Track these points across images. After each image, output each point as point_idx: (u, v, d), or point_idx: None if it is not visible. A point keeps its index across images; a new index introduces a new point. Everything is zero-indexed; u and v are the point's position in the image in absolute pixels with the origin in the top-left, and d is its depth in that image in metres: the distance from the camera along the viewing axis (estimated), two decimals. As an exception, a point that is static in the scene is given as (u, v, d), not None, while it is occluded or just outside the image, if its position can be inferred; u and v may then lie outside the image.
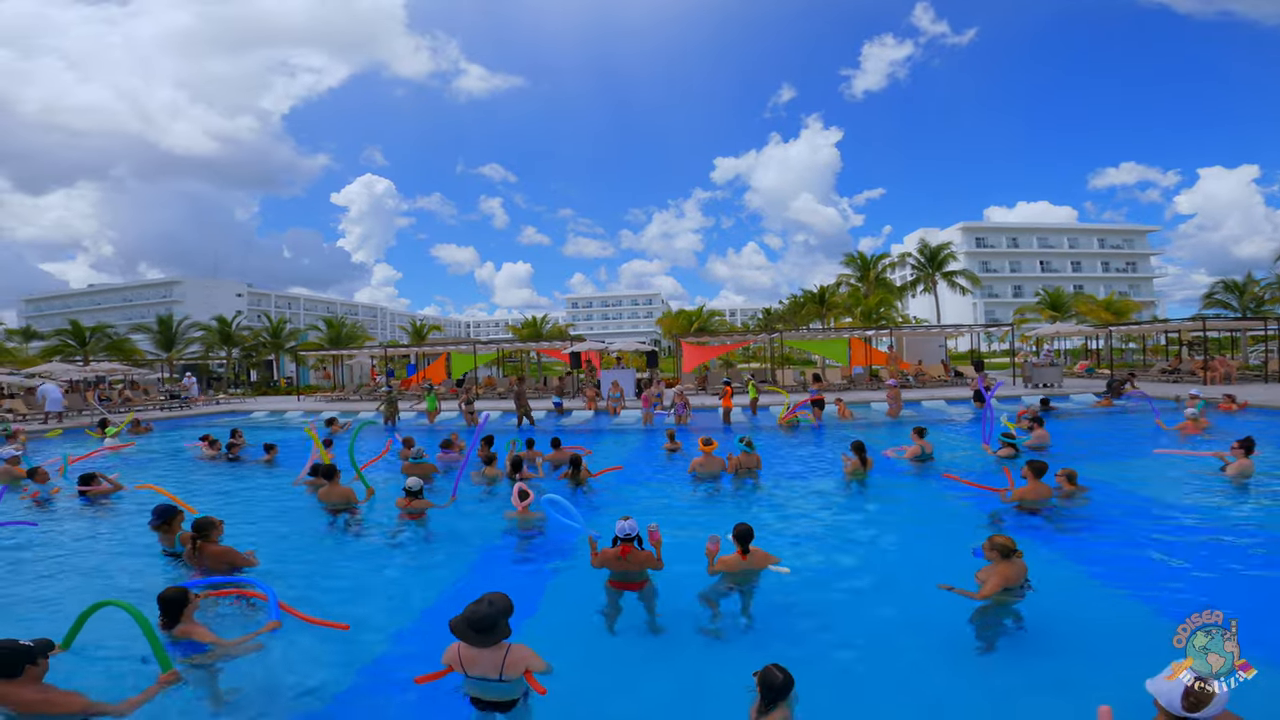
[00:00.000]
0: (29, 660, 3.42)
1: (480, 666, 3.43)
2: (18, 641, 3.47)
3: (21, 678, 3.39)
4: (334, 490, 8.62)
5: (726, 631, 4.97)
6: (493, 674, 3.41)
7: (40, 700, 3.41)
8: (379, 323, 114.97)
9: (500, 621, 3.43)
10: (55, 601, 5.97)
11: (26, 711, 3.38)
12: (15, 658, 3.39)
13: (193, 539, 6.06)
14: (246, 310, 67.58)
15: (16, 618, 5.58)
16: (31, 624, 5.49)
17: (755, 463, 10.24)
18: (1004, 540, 4.91)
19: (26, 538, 7.79)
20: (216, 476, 11.92)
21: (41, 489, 9.75)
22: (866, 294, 48.96)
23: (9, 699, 3.36)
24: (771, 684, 3.18)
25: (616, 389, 21.37)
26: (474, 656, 3.44)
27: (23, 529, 7.96)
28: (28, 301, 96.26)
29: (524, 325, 59.57)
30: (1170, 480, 9.34)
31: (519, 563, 6.89)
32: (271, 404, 28.88)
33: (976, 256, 75.59)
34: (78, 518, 8.93)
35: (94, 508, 9.34)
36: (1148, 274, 79.88)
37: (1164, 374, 25.83)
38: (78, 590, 6.21)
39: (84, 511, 9.18)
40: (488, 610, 3.40)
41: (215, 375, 47.57)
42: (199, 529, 6.07)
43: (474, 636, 3.38)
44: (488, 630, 3.37)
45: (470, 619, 3.39)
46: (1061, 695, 3.89)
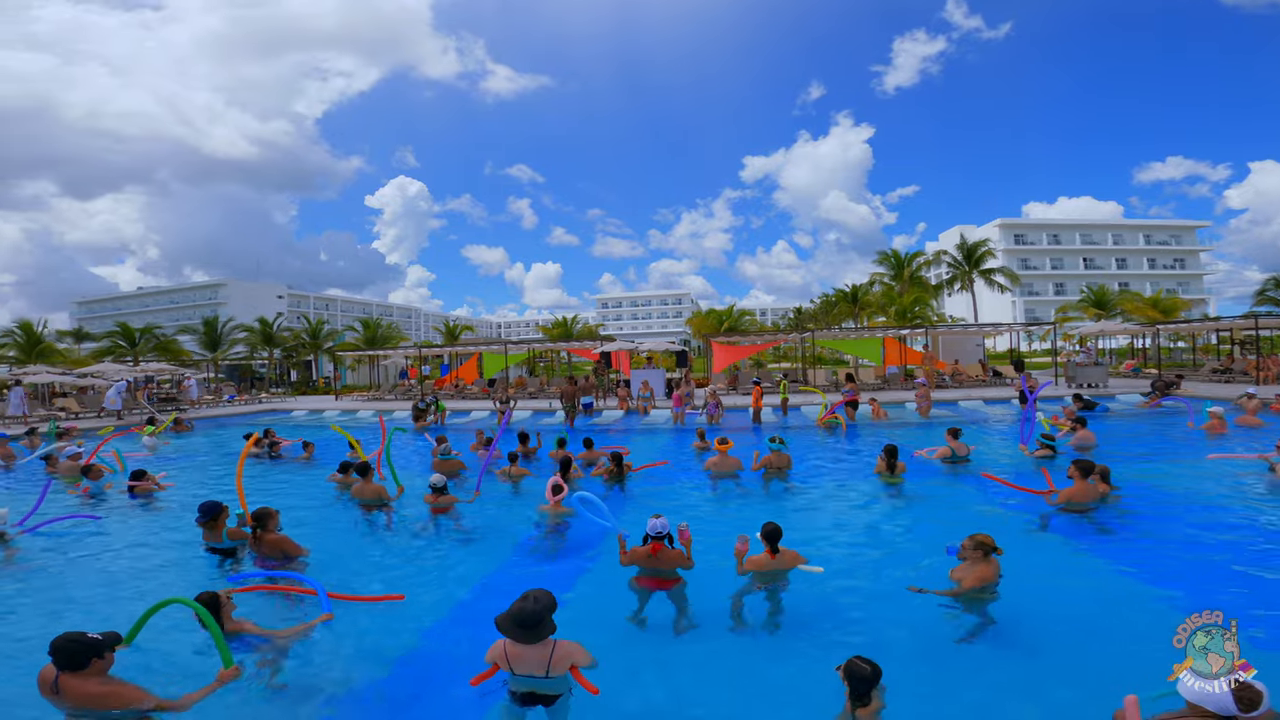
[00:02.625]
0: (96, 653, 3.43)
1: (526, 664, 3.44)
2: (85, 634, 3.46)
3: (88, 670, 3.40)
4: (367, 487, 8.86)
5: (755, 631, 4.92)
6: (539, 671, 3.42)
7: (105, 693, 3.40)
8: (413, 323, 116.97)
9: (546, 618, 3.43)
10: (103, 596, 6.18)
11: (91, 705, 3.37)
12: (84, 650, 3.40)
13: (253, 528, 6.33)
14: (286, 312, 69.35)
15: (65, 611, 5.79)
16: (84, 618, 5.70)
17: (786, 462, 10.15)
18: (984, 539, 5.01)
19: (81, 532, 8.09)
20: (261, 474, 12.22)
21: (94, 485, 10.12)
22: (901, 292, 48.02)
23: (75, 691, 3.37)
24: (862, 676, 3.17)
25: (646, 389, 21.37)
26: (520, 653, 3.44)
27: (84, 521, 8.30)
28: (79, 304, 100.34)
29: (555, 325, 59.93)
30: (1215, 481, 8.97)
31: (548, 559, 6.93)
32: (311, 403, 29.58)
33: (1015, 254, 73.57)
34: (127, 513, 9.25)
35: (143, 504, 9.65)
36: (1197, 271, 76.81)
37: (1215, 373, 24.86)
38: (125, 585, 6.43)
39: (133, 507, 9.50)
40: (533, 607, 3.40)
41: (258, 375, 48.91)
42: (259, 519, 6.36)
43: (520, 633, 3.39)
44: (533, 627, 3.38)
45: (516, 616, 3.39)
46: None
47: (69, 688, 3.37)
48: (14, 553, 7.20)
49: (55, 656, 3.41)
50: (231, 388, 36.66)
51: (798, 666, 4.36)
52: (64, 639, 3.44)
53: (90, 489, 9.99)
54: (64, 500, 9.88)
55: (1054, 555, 6.43)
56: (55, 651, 3.41)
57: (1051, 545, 6.75)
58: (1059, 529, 7.05)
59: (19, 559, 7.08)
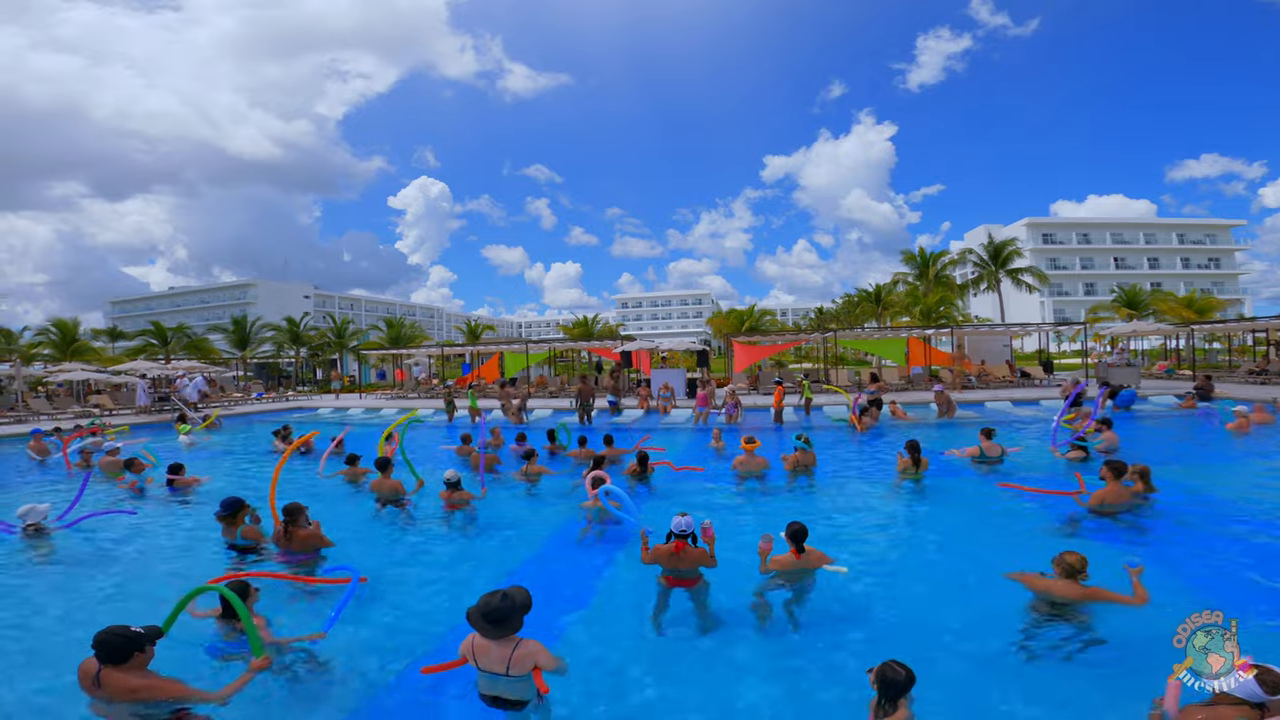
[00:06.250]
0: (139, 647, 3.47)
1: (489, 659, 3.46)
2: (129, 628, 3.50)
3: (130, 664, 3.44)
4: (385, 482, 9.03)
5: (779, 630, 4.88)
6: (500, 668, 3.43)
7: (145, 686, 3.43)
8: (435, 323, 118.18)
9: (513, 616, 3.45)
10: (131, 587, 6.34)
11: (132, 698, 3.40)
12: (127, 645, 3.44)
13: (285, 524, 6.39)
14: (313, 311, 70.48)
15: (97, 604, 5.93)
16: (113, 609, 5.83)
17: (811, 460, 10.11)
18: (1074, 559, 4.69)
19: (118, 526, 8.29)
20: (287, 469, 12.39)
21: (138, 479, 10.39)
22: (925, 292, 47.36)
23: (116, 684, 3.39)
24: (894, 681, 3.11)
25: (667, 389, 21.36)
26: (485, 647, 3.48)
27: (120, 516, 8.51)
28: (113, 304, 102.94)
29: (575, 325, 60.17)
30: (1249, 483, 8.73)
31: (571, 557, 6.95)
32: (336, 401, 30.01)
33: (1044, 253, 72.20)
34: (165, 507, 9.47)
35: (181, 497, 9.88)
36: (1232, 270, 74.72)
37: (1251, 375, 24.15)
38: (156, 576, 6.58)
39: (170, 501, 9.72)
40: (500, 603, 3.42)
41: (285, 373, 49.78)
42: (289, 514, 6.43)
43: (486, 628, 3.43)
44: (498, 623, 3.41)
45: (483, 610, 3.43)
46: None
47: (111, 681, 3.39)
48: (51, 546, 7.38)
49: (99, 650, 3.44)
50: (259, 385, 37.35)
51: (819, 668, 4.31)
52: (108, 633, 3.47)
53: (137, 483, 10.24)
54: (111, 494, 10.13)
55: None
56: (99, 645, 3.44)
57: (1083, 548, 6.60)
58: (1089, 532, 6.89)
59: (58, 553, 7.26)
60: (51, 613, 5.63)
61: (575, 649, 4.59)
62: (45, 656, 4.73)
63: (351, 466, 10.37)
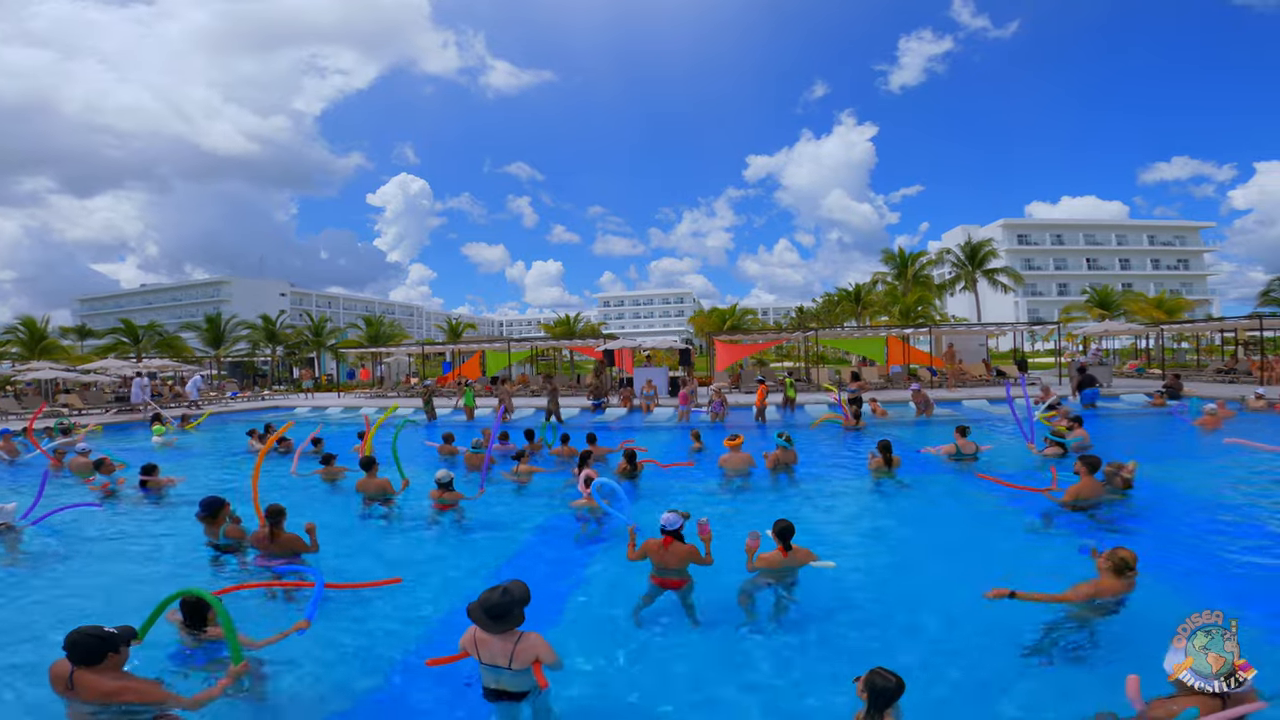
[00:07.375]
0: (112, 648, 3.36)
1: (491, 652, 3.47)
2: (102, 628, 3.40)
3: (103, 665, 3.33)
4: (371, 481, 8.91)
5: (765, 629, 4.92)
6: (503, 661, 3.45)
7: (120, 688, 3.33)
8: (415, 321, 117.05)
9: (515, 610, 3.46)
10: (108, 588, 6.21)
11: (105, 701, 3.30)
12: (101, 645, 3.33)
13: (270, 526, 6.27)
14: (289, 309, 69.37)
15: (71, 605, 5.80)
16: (96, 610, 5.71)
17: (792, 459, 10.21)
18: (1126, 554, 4.50)
19: (91, 527, 8.10)
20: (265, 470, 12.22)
21: (109, 479, 10.15)
22: (904, 292, 47.93)
23: (90, 687, 3.29)
24: (884, 689, 2.99)
25: (650, 387, 21.39)
26: (487, 641, 3.49)
27: (93, 516, 8.35)
28: (82, 301, 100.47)
29: (557, 324, 59.97)
30: (1230, 480, 8.96)
31: (557, 555, 6.94)
32: (313, 400, 29.60)
33: (1019, 254, 73.46)
34: (137, 508, 9.26)
35: (153, 498, 9.66)
36: (1201, 271, 76.67)
37: (1219, 374, 24.80)
38: (128, 578, 6.45)
39: (142, 501, 9.52)
40: (501, 598, 3.43)
41: (260, 372, 48.96)
42: (272, 515, 6.30)
43: (487, 622, 3.43)
44: (500, 617, 3.41)
45: (485, 605, 3.43)
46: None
47: (84, 683, 3.29)
48: (19, 546, 7.22)
49: (71, 651, 3.32)
50: (234, 385, 36.73)
51: (802, 668, 4.36)
52: (80, 633, 3.36)
53: (108, 484, 10.01)
54: (81, 496, 9.85)
55: (1061, 553, 6.41)
56: (71, 646, 3.33)
57: (1057, 543, 6.74)
58: (1064, 525, 7.03)
59: (27, 553, 7.10)
60: (19, 613, 5.49)
61: (563, 649, 4.56)
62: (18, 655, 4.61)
63: (327, 466, 10.23)
